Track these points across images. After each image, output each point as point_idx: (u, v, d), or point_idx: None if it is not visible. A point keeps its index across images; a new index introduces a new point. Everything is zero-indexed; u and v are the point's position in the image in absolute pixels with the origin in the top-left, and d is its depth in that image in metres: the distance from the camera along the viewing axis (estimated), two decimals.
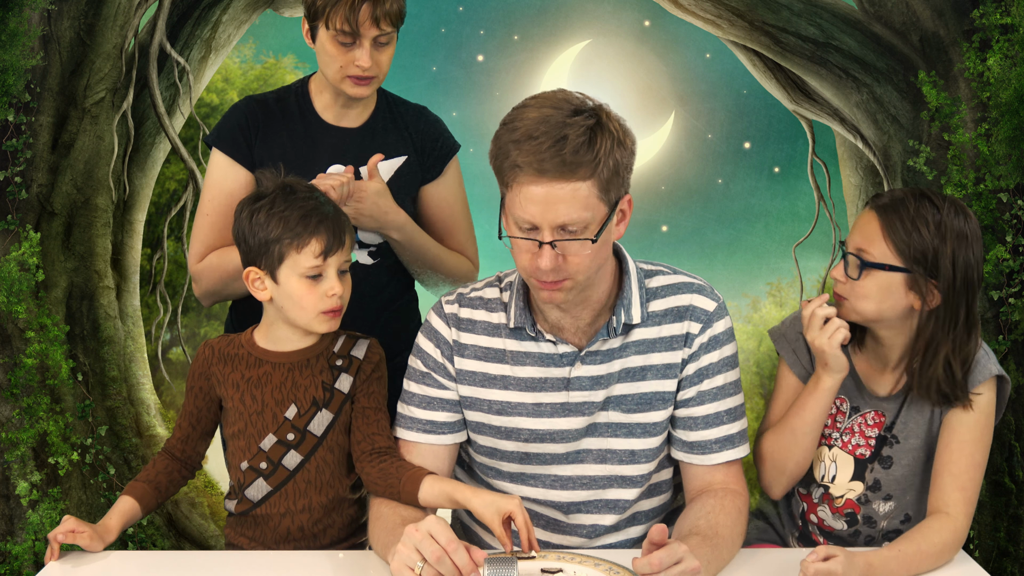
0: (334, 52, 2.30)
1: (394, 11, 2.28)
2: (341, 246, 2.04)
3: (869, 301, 1.99)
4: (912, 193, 2.00)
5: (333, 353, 2.12)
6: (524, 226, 1.83)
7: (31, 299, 3.57)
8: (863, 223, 2.01)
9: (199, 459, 2.18)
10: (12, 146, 3.55)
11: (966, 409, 1.99)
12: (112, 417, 3.72)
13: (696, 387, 2.02)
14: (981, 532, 3.65)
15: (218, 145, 2.43)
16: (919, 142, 3.67)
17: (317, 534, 2.11)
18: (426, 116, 2.55)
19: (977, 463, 1.99)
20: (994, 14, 3.56)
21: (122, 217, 3.79)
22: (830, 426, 2.11)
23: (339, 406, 2.10)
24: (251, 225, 2.05)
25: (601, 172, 1.80)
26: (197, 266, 2.44)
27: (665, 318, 2.01)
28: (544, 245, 1.82)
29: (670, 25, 3.84)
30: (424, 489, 1.97)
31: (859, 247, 1.99)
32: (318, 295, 2.03)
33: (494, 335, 2.05)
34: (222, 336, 2.19)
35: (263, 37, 3.87)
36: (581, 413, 2.01)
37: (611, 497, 2.06)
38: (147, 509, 2.11)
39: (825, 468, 2.11)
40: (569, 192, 1.79)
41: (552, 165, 1.78)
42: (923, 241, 1.95)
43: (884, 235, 1.96)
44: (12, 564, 3.54)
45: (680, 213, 3.92)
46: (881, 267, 1.96)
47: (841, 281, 2.00)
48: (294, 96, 2.47)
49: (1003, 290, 3.61)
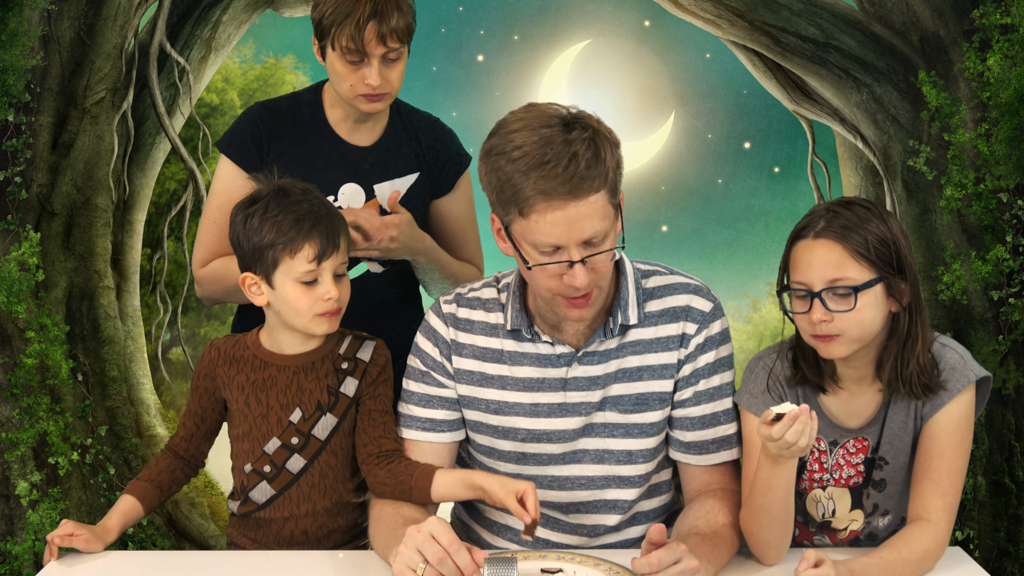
0: (343, 71, 2.29)
1: (400, 28, 2.25)
2: (336, 249, 2.02)
3: (864, 325, 1.91)
4: (835, 209, 1.93)
5: (339, 356, 2.11)
6: (547, 250, 1.83)
7: (31, 299, 3.57)
8: (822, 256, 1.90)
9: (202, 458, 2.17)
10: (12, 146, 3.55)
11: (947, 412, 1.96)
12: (112, 417, 3.73)
13: (692, 388, 2.02)
14: (981, 532, 3.65)
15: (227, 153, 2.42)
16: (919, 142, 3.67)
17: (320, 538, 2.11)
18: (439, 129, 2.53)
19: (958, 469, 1.95)
20: (994, 14, 3.56)
21: (122, 217, 3.79)
22: (818, 470, 2.05)
23: (344, 411, 2.09)
24: (245, 230, 2.03)
25: (610, 179, 1.82)
26: (200, 271, 2.44)
27: (661, 319, 2.01)
28: (575, 264, 1.82)
29: (670, 25, 3.84)
30: (438, 481, 1.96)
31: (832, 279, 1.89)
32: (313, 299, 2.01)
33: (492, 335, 2.05)
34: (228, 336, 2.18)
35: (263, 37, 3.88)
36: (578, 413, 2.02)
37: (610, 497, 2.06)
38: (149, 508, 2.10)
39: (824, 507, 2.07)
40: (588, 208, 1.80)
41: (570, 187, 1.77)
42: (884, 245, 1.90)
43: (852, 255, 1.89)
44: (12, 564, 3.54)
45: (680, 213, 3.92)
46: (869, 285, 1.89)
47: (827, 320, 1.89)
48: (307, 107, 2.44)
49: (1003, 290, 3.61)
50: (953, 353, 1.98)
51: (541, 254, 1.84)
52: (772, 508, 1.88)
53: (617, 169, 1.84)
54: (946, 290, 3.64)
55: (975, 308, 3.63)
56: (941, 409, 1.95)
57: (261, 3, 3.82)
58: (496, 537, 2.12)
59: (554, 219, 1.79)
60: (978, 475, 3.64)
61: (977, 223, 3.62)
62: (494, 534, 2.13)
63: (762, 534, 1.92)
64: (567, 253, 1.82)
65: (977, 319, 3.63)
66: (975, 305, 3.63)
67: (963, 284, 3.63)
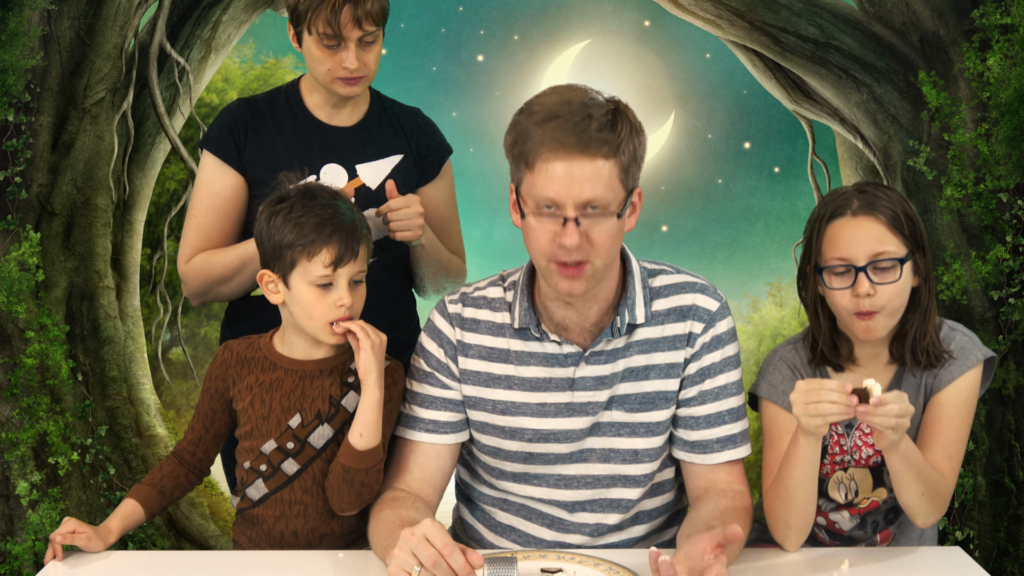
0: (320, 55, 2.30)
1: (376, 10, 2.27)
2: (354, 257, 2.01)
3: (901, 297, 2.03)
4: (864, 189, 2.05)
5: (348, 369, 2.10)
6: (546, 204, 1.84)
7: (31, 299, 3.57)
8: (865, 231, 2.00)
9: (208, 464, 2.17)
10: (12, 146, 3.54)
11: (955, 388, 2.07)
12: (112, 417, 3.72)
13: (698, 386, 2.02)
14: (981, 532, 3.65)
15: (207, 147, 2.43)
16: (919, 142, 3.67)
17: (312, 542, 2.10)
18: (421, 118, 2.55)
19: (963, 438, 2.07)
20: (994, 14, 3.56)
21: (122, 217, 3.79)
22: (838, 452, 2.12)
23: (341, 424, 2.08)
24: (268, 228, 2.03)
25: (622, 155, 1.83)
26: (184, 267, 2.44)
27: (668, 317, 2.02)
28: (568, 222, 1.83)
29: (670, 25, 3.84)
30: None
31: (877, 253, 1.99)
32: (327, 304, 2.01)
33: (498, 335, 2.05)
34: (243, 338, 2.17)
35: (263, 37, 3.88)
36: (585, 413, 2.02)
37: (614, 496, 2.06)
38: (151, 513, 2.10)
39: (847, 487, 2.13)
40: (593, 170, 1.81)
41: (577, 141, 1.80)
42: (910, 220, 2.02)
43: (891, 230, 2.00)
44: (12, 564, 3.54)
45: (680, 213, 3.92)
46: (908, 257, 2.01)
47: (871, 295, 1.99)
48: (285, 96, 2.46)
49: (1003, 290, 3.61)
50: (962, 335, 2.11)
51: (540, 210, 1.85)
52: (791, 486, 1.95)
53: (634, 155, 1.86)
54: (946, 290, 3.64)
55: (975, 308, 3.63)
56: (951, 383, 2.06)
57: (261, 3, 3.82)
58: (499, 538, 2.12)
59: (555, 171, 1.81)
60: (978, 475, 3.64)
61: (977, 223, 3.62)
62: (497, 535, 2.13)
63: (782, 513, 1.99)
64: (563, 211, 1.83)
65: (977, 319, 3.63)
66: (975, 305, 3.63)
67: (963, 284, 3.63)
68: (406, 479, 2.06)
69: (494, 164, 3.65)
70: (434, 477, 2.07)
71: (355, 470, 2.00)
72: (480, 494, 2.16)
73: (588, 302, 1.96)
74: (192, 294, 2.48)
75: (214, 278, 2.39)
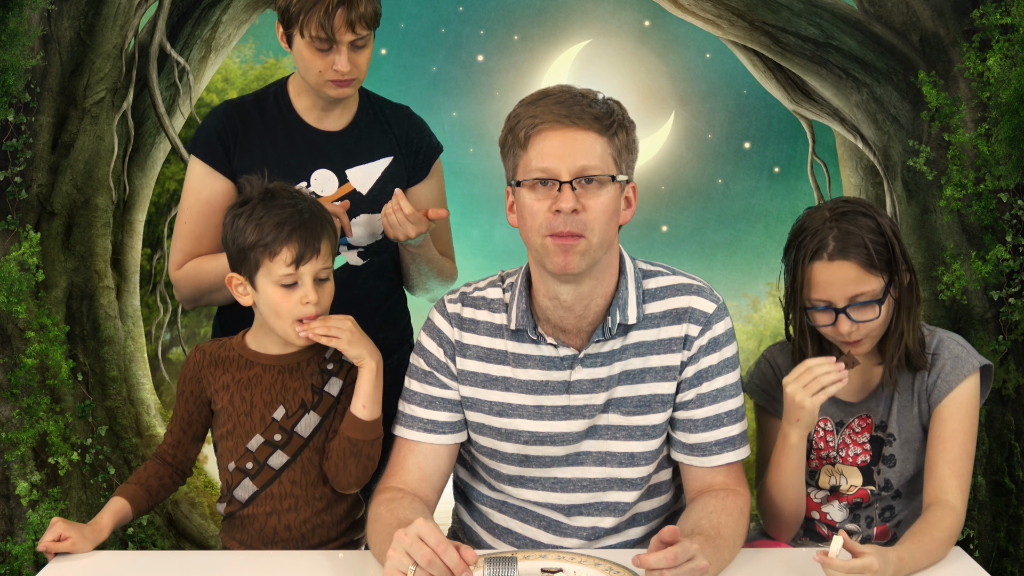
0: (311, 58, 2.29)
1: (368, 14, 2.26)
2: (315, 254, 2.03)
3: (884, 322, 2.05)
4: (837, 225, 2.04)
5: (325, 358, 2.12)
6: (540, 178, 1.88)
7: (31, 299, 3.57)
8: (841, 276, 2.01)
9: (190, 464, 2.19)
10: (12, 146, 3.55)
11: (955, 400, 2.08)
12: (112, 417, 3.73)
13: (695, 389, 2.01)
14: (981, 532, 3.65)
15: (195, 152, 2.41)
16: (919, 142, 3.67)
17: (305, 534, 2.11)
18: (411, 117, 2.54)
19: (969, 452, 2.06)
20: (994, 14, 3.56)
21: (122, 217, 3.79)
22: (823, 447, 2.15)
23: (327, 409, 2.10)
24: (232, 231, 2.06)
25: (615, 138, 1.89)
26: (176, 273, 2.44)
27: (664, 320, 2.01)
28: (564, 187, 1.85)
29: (670, 25, 3.84)
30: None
31: (854, 296, 2.01)
32: (293, 302, 2.03)
33: (496, 336, 2.05)
34: (213, 340, 2.20)
35: (263, 37, 3.88)
36: (582, 416, 2.01)
37: (611, 499, 2.05)
38: (138, 511, 2.11)
39: (836, 480, 2.14)
40: (587, 142, 1.87)
41: (571, 113, 1.86)
42: (884, 248, 2.02)
43: (867, 271, 2.01)
44: (12, 564, 3.54)
45: (680, 213, 3.92)
46: (886, 293, 2.02)
47: (853, 331, 2.03)
48: (273, 98, 2.44)
49: (1003, 290, 3.61)
50: (956, 344, 2.10)
51: (535, 185, 1.88)
52: (781, 484, 2.04)
53: (627, 144, 1.91)
54: (946, 290, 3.64)
55: (975, 308, 3.63)
56: (948, 395, 2.06)
57: (261, 3, 3.82)
58: (497, 540, 2.12)
59: (549, 143, 1.87)
60: (978, 475, 3.64)
61: (977, 223, 3.62)
62: (495, 537, 2.13)
63: (774, 508, 2.07)
64: (559, 177, 1.87)
65: (977, 319, 3.63)
66: (975, 305, 3.63)
67: (963, 284, 3.63)
68: (404, 478, 2.06)
69: (494, 164, 3.64)
70: (432, 477, 2.07)
71: (362, 442, 2.05)
72: (479, 495, 2.16)
73: (583, 300, 1.96)
74: (184, 300, 2.47)
75: (206, 285, 2.39)
